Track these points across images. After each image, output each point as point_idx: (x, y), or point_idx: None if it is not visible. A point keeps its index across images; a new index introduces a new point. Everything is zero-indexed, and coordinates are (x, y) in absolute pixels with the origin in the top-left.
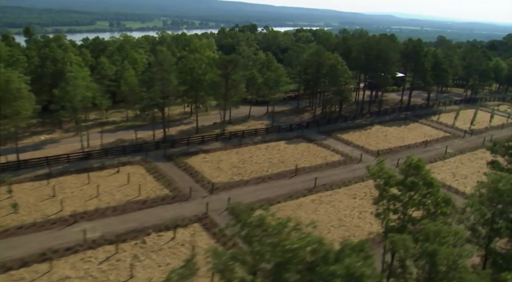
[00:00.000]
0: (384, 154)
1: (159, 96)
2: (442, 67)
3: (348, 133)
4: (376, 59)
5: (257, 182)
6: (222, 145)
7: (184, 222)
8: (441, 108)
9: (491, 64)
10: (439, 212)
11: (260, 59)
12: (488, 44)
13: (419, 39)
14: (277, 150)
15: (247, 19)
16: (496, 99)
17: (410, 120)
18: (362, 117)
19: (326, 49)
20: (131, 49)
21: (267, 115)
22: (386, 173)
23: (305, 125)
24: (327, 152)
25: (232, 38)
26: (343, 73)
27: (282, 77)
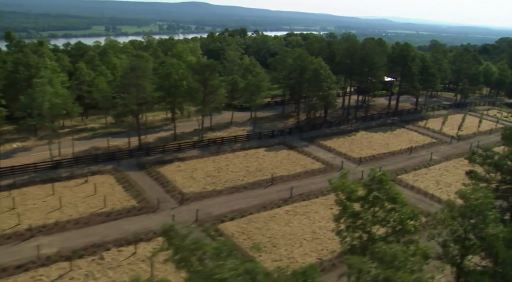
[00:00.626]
0: (367, 161)
1: (133, 103)
2: (430, 71)
3: (331, 140)
4: (362, 64)
5: (230, 192)
6: (199, 153)
7: (148, 236)
8: (429, 113)
9: (481, 68)
10: (403, 229)
11: (243, 64)
12: (481, 48)
13: (406, 43)
14: (256, 157)
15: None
16: (486, 103)
17: (396, 126)
18: (348, 123)
19: (310, 54)
20: (114, 54)
21: (251, 121)
22: (347, 187)
23: (287, 131)
24: (308, 159)
25: (221, 43)
26: (326, 78)
27: (263, 83)
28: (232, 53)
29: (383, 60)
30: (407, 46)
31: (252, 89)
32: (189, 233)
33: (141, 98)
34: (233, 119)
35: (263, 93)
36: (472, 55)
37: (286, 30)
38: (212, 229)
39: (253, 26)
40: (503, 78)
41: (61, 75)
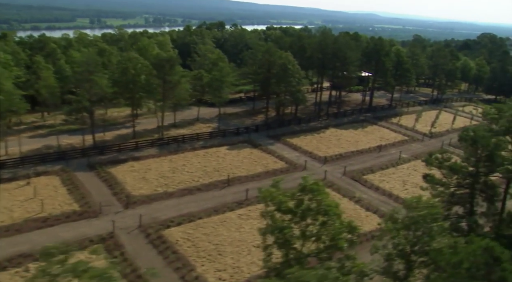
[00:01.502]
0: (333, 161)
1: (86, 99)
2: (405, 67)
3: (298, 138)
4: (334, 58)
5: (182, 194)
6: (157, 152)
7: (83, 244)
8: (404, 109)
9: (459, 64)
10: (335, 246)
11: (210, 58)
12: (462, 43)
13: (380, 37)
14: (216, 156)
15: (230, 17)
16: (463, 99)
17: (368, 123)
18: (318, 120)
19: (280, 48)
20: (81, 47)
21: (219, 117)
22: (276, 197)
23: (254, 129)
24: (271, 158)
25: (197, 36)
26: (295, 73)
27: (227, 78)
28: (203, 47)
29: (356, 55)
30: (381, 41)
31: (215, 84)
32: (67, 256)
33: (94, 94)
34: (201, 116)
35: (228, 89)
36: (450, 50)
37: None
38: (101, 250)
39: (240, 20)
40: (481, 74)
41: (15, 70)
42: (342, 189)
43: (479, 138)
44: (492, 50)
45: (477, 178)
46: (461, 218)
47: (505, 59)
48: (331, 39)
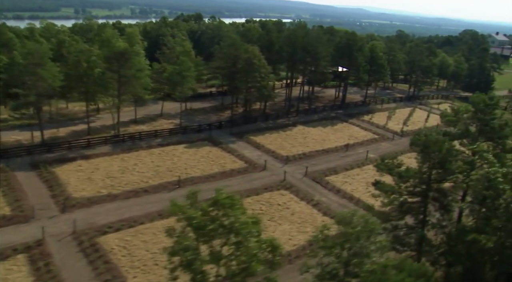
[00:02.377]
0: (295, 160)
1: (32, 94)
2: (379, 62)
3: (263, 135)
4: (304, 53)
5: (127, 197)
6: (110, 149)
7: (5, 253)
8: (377, 106)
9: (437, 60)
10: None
11: (176, 51)
12: (444, 39)
13: (353, 32)
14: (172, 155)
15: (218, 9)
16: (440, 97)
17: (339, 120)
18: (286, 117)
19: (247, 42)
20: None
21: (181, 113)
22: (186, 212)
23: (217, 125)
24: (230, 157)
25: (172, 28)
26: (260, 68)
27: (188, 72)
28: (171, 40)
29: (327, 49)
30: (353, 36)
31: (176, 78)
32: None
33: (41, 88)
34: (166, 111)
35: (189, 84)
36: (427, 47)
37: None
38: None
39: (228, 12)
40: (459, 71)
41: None
42: (301, 192)
43: (431, 144)
44: (472, 47)
45: (430, 186)
46: (411, 230)
47: (483, 56)
48: (301, 33)
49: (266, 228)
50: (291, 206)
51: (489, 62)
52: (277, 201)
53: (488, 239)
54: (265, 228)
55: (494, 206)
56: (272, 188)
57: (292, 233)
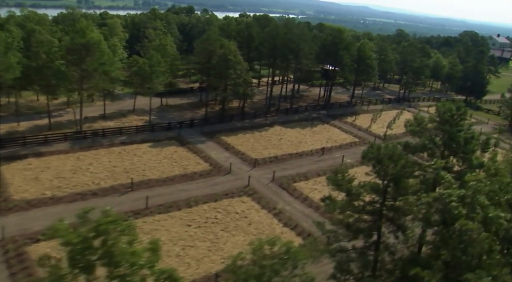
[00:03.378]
0: (265, 164)
1: None
2: (367, 62)
3: (236, 136)
4: (285, 50)
5: (72, 200)
6: (68, 147)
7: None
8: (363, 107)
9: (431, 61)
10: None
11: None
12: (443, 40)
13: (339, 30)
14: (133, 155)
15: (221, 3)
16: (432, 99)
17: (320, 121)
18: (265, 116)
19: (226, 37)
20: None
21: (159, 109)
22: (65, 236)
23: (189, 123)
24: (195, 158)
25: (161, 20)
26: (236, 65)
27: (157, 67)
28: (152, 32)
29: (310, 47)
30: (340, 33)
31: (144, 74)
32: None
33: None
34: (141, 107)
35: (159, 79)
36: (421, 47)
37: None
38: None
39: (231, 6)
40: (453, 72)
41: None
42: (263, 199)
43: (384, 158)
44: (469, 48)
45: (384, 204)
46: (358, 254)
47: (480, 58)
48: (284, 29)
49: (218, 239)
50: (250, 215)
51: (486, 65)
52: (236, 209)
53: (432, 276)
54: (216, 239)
55: (448, 234)
56: (233, 194)
57: (245, 246)
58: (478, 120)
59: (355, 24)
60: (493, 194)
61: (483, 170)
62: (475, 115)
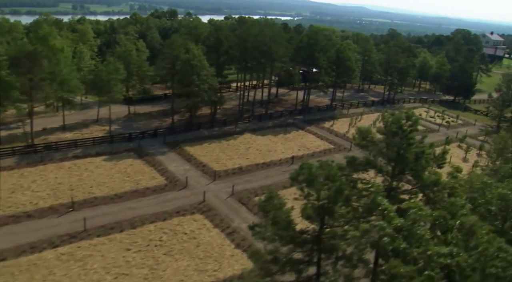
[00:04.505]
0: (227, 176)
1: None
2: (346, 64)
3: (201, 145)
4: (257, 53)
5: (3, 223)
6: (14, 163)
7: None
8: (344, 111)
9: (418, 61)
10: None
11: (117, 51)
12: (434, 38)
13: (316, 31)
14: (84, 169)
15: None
16: (418, 100)
17: (295, 127)
18: (235, 123)
19: (195, 41)
20: None
21: (126, 118)
22: None
23: (152, 133)
24: (151, 172)
25: (142, 25)
26: (201, 70)
27: (115, 75)
28: (123, 37)
29: (285, 49)
30: (315, 34)
31: (100, 82)
32: None
33: None
34: (107, 116)
35: (117, 87)
36: (406, 47)
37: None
38: None
39: (227, 9)
40: (441, 72)
41: None
42: (218, 216)
43: (314, 180)
44: (459, 47)
45: (320, 232)
46: None
47: (470, 57)
48: (254, 31)
49: (158, 265)
50: (200, 235)
51: (477, 64)
52: (185, 229)
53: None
54: (156, 265)
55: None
56: (185, 212)
57: (187, 272)
58: (465, 122)
59: (351, 25)
60: (440, 222)
61: (437, 189)
62: (462, 116)
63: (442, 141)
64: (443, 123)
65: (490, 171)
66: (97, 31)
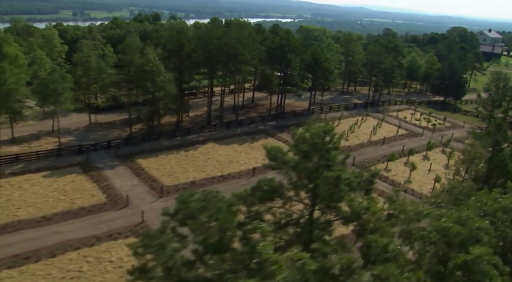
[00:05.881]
0: (177, 191)
1: None
2: (323, 65)
3: (157, 157)
4: (222, 56)
5: None
6: None
7: None
8: (322, 115)
9: (406, 60)
10: None
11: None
12: (429, 37)
13: (287, 30)
14: (18, 188)
15: (218, 10)
16: (405, 102)
17: (265, 134)
18: (201, 131)
19: (156, 44)
20: None
21: (86, 128)
22: None
23: (105, 145)
24: (93, 189)
25: (121, 29)
26: (156, 76)
27: (61, 83)
28: (88, 42)
29: (251, 52)
30: (287, 35)
31: (45, 91)
32: None
33: None
34: (67, 126)
35: (65, 95)
36: (393, 46)
37: (262, 17)
38: None
39: (228, 13)
40: (431, 72)
41: None
42: None
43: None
44: (452, 45)
45: None
46: None
47: (462, 55)
48: (218, 33)
49: None
50: (128, 264)
51: (471, 62)
52: (112, 256)
53: None
54: None
55: None
56: (118, 236)
57: None
58: (453, 124)
59: (352, 26)
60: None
61: (362, 221)
62: (452, 118)
63: (423, 146)
64: (429, 126)
65: (450, 189)
66: (65, 37)
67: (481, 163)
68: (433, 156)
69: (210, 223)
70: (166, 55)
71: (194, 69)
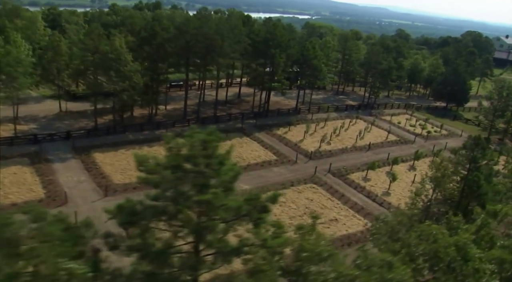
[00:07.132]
0: (125, 190)
1: None
2: (312, 63)
3: (116, 152)
4: (200, 48)
5: None
6: None
7: None
8: (308, 116)
9: (408, 62)
10: None
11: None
12: (441, 40)
13: (275, 23)
14: None
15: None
16: (403, 106)
17: (240, 133)
18: (170, 127)
19: (130, 33)
20: None
21: (55, 116)
22: None
23: (64, 135)
24: (34, 183)
25: (117, 16)
26: (122, 65)
27: (16, 67)
28: (71, 27)
29: (232, 45)
30: (274, 29)
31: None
32: None
33: None
34: (35, 113)
35: (21, 80)
36: (392, 46)
37: (279, 12)
38: None
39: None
40: (435, 76)
41: None
42: None
43: None
44: (460, 49)
45: None
46: None
47: (470, 60)
48: (196, 22)
49: None
50: None
51: (479, 68)
52: None
53: None
54: None
55: None
56: None
57: None
58: (450, 132)
59: (370, 26)
60: None
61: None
62: (450, 125)
63: (412, 154)
64: (422, 134)
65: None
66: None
67: (451, 182)
68: (420, 166)
69: None
70: (138, 44)
71: (168, 60)
